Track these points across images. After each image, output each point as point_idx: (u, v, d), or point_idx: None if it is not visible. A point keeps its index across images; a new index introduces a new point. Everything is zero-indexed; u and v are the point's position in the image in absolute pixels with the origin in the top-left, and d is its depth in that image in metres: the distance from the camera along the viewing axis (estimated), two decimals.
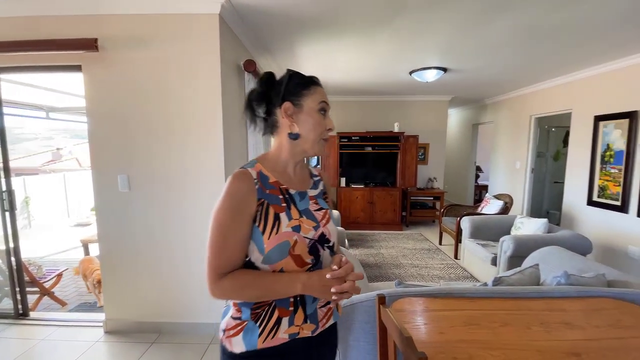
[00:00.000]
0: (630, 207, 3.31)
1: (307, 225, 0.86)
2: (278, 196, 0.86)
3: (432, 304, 1.39)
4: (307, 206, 0.91)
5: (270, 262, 0.81)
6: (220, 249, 0.80)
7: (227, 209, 0.80)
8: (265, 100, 0.92)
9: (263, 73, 0.94)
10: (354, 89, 5.08)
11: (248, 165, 0.88)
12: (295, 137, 0.88)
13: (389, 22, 2.44)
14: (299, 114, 0.88)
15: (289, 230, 0.83)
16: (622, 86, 3.41)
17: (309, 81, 0.93)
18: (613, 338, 1.18)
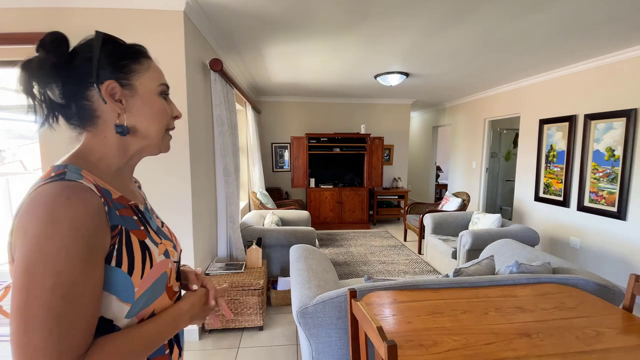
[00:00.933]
0: (571, 202, 3.68)
1: (169, 247, 0.69)
2: (132, 217, 0.63)
3: (399, 297, 1.46)
4: (157, 224, 0.72)
5: (141, 308, 0.59)
6: (68, 322, 0.48)
7: (67, 252, 0.48)
8: (60, 76, 0.60)
9: (47, 34, 0.60)
10: (323, 90, 5.15)
11: (70, 174, 0.56)
12: (125, 131, 0.62)
13: (356, 27, 2.51)
14: (131, 99, 0.63)
15: (162, 258, 0.64)
16: (562, 93, 3.79)
17: (137, 52, 0.66)
18: (558, 319, 1.31)
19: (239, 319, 2.41)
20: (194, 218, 2.26)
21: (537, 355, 1.07)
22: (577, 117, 3.58)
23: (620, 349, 1.11)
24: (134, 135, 0.64)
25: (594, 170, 3.38)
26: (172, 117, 0.70)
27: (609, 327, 1.24)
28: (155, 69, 0.68)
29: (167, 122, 0.69)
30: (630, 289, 1.45)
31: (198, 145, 2.35)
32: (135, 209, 0.65)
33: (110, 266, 0.55)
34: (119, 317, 0.57)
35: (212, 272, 2.49)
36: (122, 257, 0.57)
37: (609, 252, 3.26)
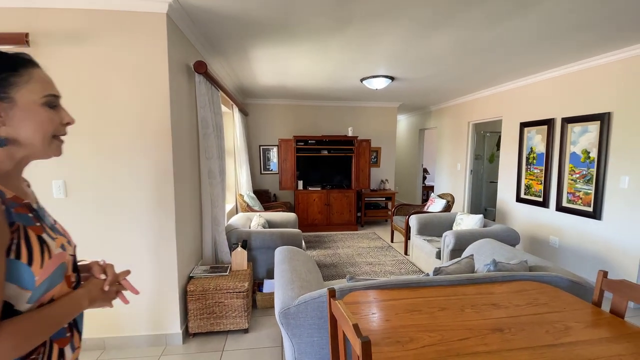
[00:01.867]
0: (550, 203, 3.80)
1: (65, 242, 0.76)
2: (28, 214, 0.69)
3: (380, 295, 1.49)
4: (51, 221, 0.78)
5: (41, 294, 0.67)
6: None
7: None
8: None
9: None
10: (310, 93, 5.18)
11: None
12: (2, 143, 0.66)
13: (340, 32, 2.55)
14: (11, 111, 0.65)
15: (60, 250, 0.72)
16: (541, 97, 3.92)
17: (17, 63, 0.68)
18: (531, 314, 1.36)
19: (223, 321, 2.40)
20: (177, 220, 2.24)
21: (508, 349, 1.11)
22: (555, 121, 3.70)
23: (586, 341, 1.16)
24: (16, 144, 0.68)
25: (571, 172, 3.50)
26: (62, 124, 0.75)
27: (577, 322, 1.30)
28: (39, 79, 0.70)
29: (54, 129, 0.73)
30: (598, 284, 1.51)
31: (181, 148, 2.34)
32: (29, 207, 0.71)
33: (10, 259, 0.62)
34: (21, 303, 0.64)
35: (197, 275, 2.48)
36: (21, 250, 0.63)
37: (586, 250, 3.37)
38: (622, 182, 3.00)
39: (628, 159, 2.94)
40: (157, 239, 2.20)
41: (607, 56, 3.05)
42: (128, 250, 2.18)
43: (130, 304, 2.18)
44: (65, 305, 0.71)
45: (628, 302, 1.64)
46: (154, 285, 2.24)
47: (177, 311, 2.29)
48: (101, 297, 0.82)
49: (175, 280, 2.26)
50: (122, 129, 2.09)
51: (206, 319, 2.39)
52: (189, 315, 2.36)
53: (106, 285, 0.82)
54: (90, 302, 0.78)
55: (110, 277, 0.84)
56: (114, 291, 0.85)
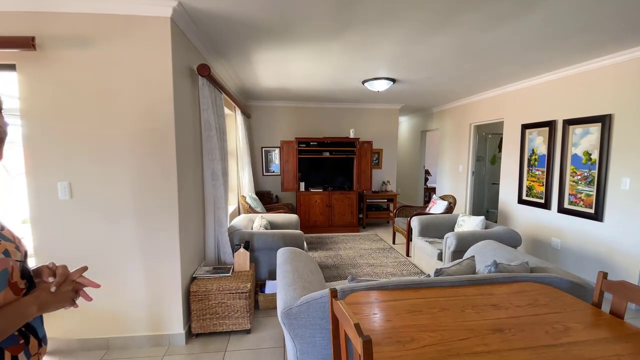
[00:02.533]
0: (552, 204, 3.80)
1: (10, 248, 0.75)
2: None
3: (381, 296, 1.51)
4: None
5: None
6: None
7: None
8: None
9: None
10: (311, 95, 5.21)
11: None
12: None
13: (340, 35, 2.58)
14: None
15: (1, 257, 0.71)
16: (543, 99, 3.93)
17: None
18: (530, 315, 1.38)
19: (226, 322, 2.42)
20: (181, 222, 2.27)
21: (507, 349, 1.12)
22: (557, 122, 3.71)
23: (585, 342, 1.18)
24: None
25: (572, 174, 3.51)
26: None
27: (577, 322, 1.31)
28: None
29: None
30: (598, 285, 1.52)
31: (185, 150, 2.36)
32: None
33: None
34: None
35: (200, 275, 2.50)
36: None
37: (587, 251, 3.37)
38: (623, 184, 3.00)
39: (629, 161, 2.95)
40: (161, 240, 2.23)
41: (608, 58, 3.06)
42: (132, 251, 2.21)
43: (134, 304, 2.22)
44: (8, 313, 0.69)
45: (628, 304, 1.65)
46: (158, 286, 2.26)
47: (180, 312, 2.31)
48: (55, 300, 0.79)
49: (179, 281, 2.29)
50: (126, 132, 2.12)
51: (209, 319, 2.40)
52: (192, 316, 2.38)
53: (52, 286, 0.79)
54: (41, 308, 0.76)
55: (57, 278, 0.81)
56: (69, 290, 0.82)
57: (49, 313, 0.78)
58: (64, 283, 0.82)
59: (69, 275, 0.84)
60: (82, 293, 0.87)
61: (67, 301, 0.82)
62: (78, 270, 0.87)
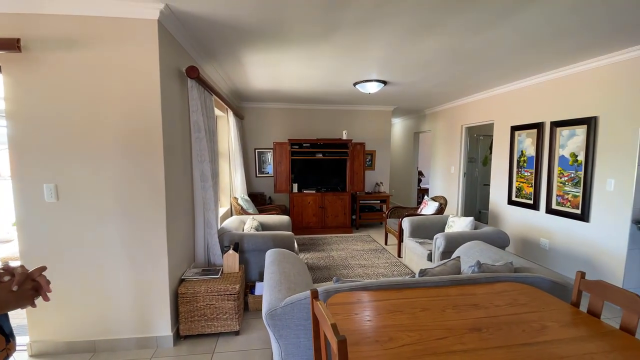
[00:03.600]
0: (540, 205, 3.85)
1: None
2: None
3: (364, 296, 1.52)
4: None
5: None
6: None
7: None
8: None
9: None
10: (304, 97, 5.23)
11: None
12: None
13: (329, 38, 2.60)
14: None
15: None
16: (531, 101, 3.98)
17: None
18: (509, 314, 1.40)
19: (214, 324, 2.42)
20: (169, 224, 2.27)
21: (484, 348, 1.14)
22: (544, 124, 3.76)
23: (560, 340, 1.20)
24: None
25: (560, 175, 3.56)
26: None
27: (554, 321, 1.34)
28: None
29: None
30: (577, 285, 1.55)
31: (173, 151, 2.37)
32: None
33: None
34: None
35: (188, 277, 2.50)
36: None
37: (574, 252, 3.42)
38: (608, 185, 3.05)
39: (613, 162, 3.00)
40: (149, 242, 2.22)
41: (592, 62, 3.12)
42: (119, 253, 2.20)
43: (121, 307, 2.22)
44: None
45: (604, 302, 1.68)
46: (145, 288, 2.26)
47: (168, 314, 2.31)
48: (15, 299, 0.80)
49: (166, 283, 2.28)
50: (113, 133, 2.12)
51: (197, 321, 2.40)
52: (180, 318, 2.38)
53: (14, 285, 0.80)
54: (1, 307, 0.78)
55: (18, 277, 0.82)
56: (29, 289, 0.83)
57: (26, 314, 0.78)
58: (24, 282, 0.82)
59: (28, 275, 0.85)
60: (42, 292, 0.87)
61: (27, 300, 0.83)
62: (37, 269, 0.87)
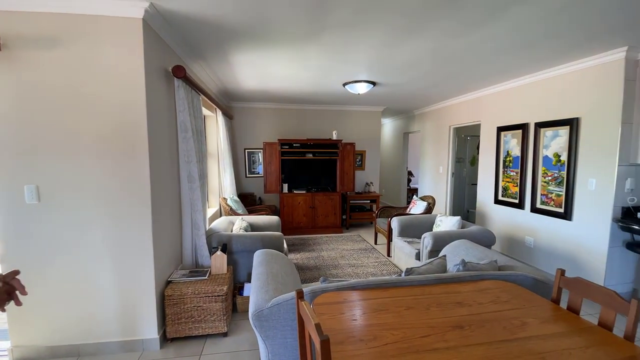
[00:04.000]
0: (526, 204, 3.94)
1: None
2: None
3: (350, 296, 1.53)
4: None
5: None
6: None
7: None
8: None
9: None
10: (294, 97, 5.23)
11: None
12: None
13: (317, 39, 2.60)
14: None
15: None
16: (516, 102, 4.07)
17: None
18: (491, 312, 1.43)
19: (202, 325, 2.40)
20: (155, 225, 2.24)
21: (465, 345, 1.16)
22: (529, 125, 3.85)
23: (539, 336, 1.23)
24: None
25: (544, 175, 3.64)
26: None
27: (534, 318, 1.37)
28: None
29: None
30: (556, 282, 1.59)
31: (159, 152, 2.34)
32: None
33: None
34: None
35: (175, 279, 2.47)
36: None
37: (558, 249, 3.50)
38: (589, 184, 3.14)
39: (594, 163, 3.09)
40: (134, 244, 2.19)
41: (574, 65, 3.20)
42: (104, 255, 2.17)
43: (106, 310, 2.19)
44: None
45: (583, 299, 1.73)
46: (131, 291, 2.23)
47: (155, 316, 2.28)
48: None
49: (152, 285, 2.26)
50: (97, 133, 2.08)
51: (184, 323, 2.38)
52: (166, 320, 2.35)
53: None
54: None
55: None
56: (2, 292, 0.84)
57: None
58: None
59: (1, 278, 0.84)
60: (14, 296, 0.86)
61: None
62: (11, 272, 0.86)
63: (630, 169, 2.94)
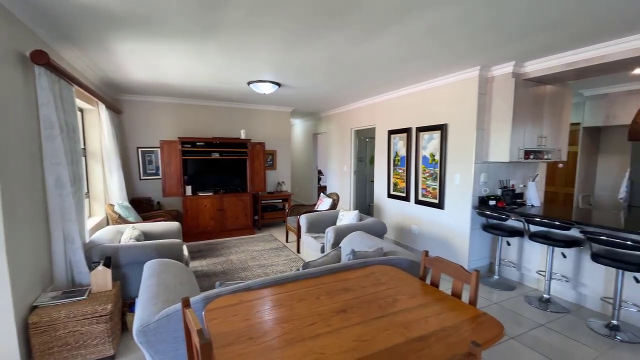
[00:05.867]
0: (411, 197, 4.56)
1: None
2: None
3: (246, 297, 1.55)
4: None
5: None
6: None
7: None
8: None
9: None
10: (197, 92, 4.91)
11: None
12: None
13: (213, 36, 2.51)
14: None
15: None
16: (402, 109, 4.66)
17: None
18: (371, 293, 1.62)
19: (81, 352, 2.08)
20: (8, 241, 1.84)
21: (346, 327, 1.30)
22: (412, 130, 4.46)
23: (406, 309, 1.46)
24: None
25: (423, 172, 4.28)
26: None
27: (404, 294, 1.62)
28: None
29: None
30: (422, 262, 1.91)
31: (12, 153, 1.93)
32: None
33: None
34: None
35: (43, 303, 2.08)
36: None
37: (436, 234, 4.17)
38: (455, 179, 3.82)
39: (458, 161, 3.77)
40: None
41: (445, 78, 3.85)
42: None
43: None
44: None
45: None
46: None
47: (16, 350, 1.88)
48: None
49: (10, 313, 1.85)
50: None
51: (58, 352, 2.03)
52: (33, 352, 1.97)
53: None
54: None
55: None
56: None
57: None
58: None
59: None
60: None
61: None
62: None
63: (483, 166, 3.69)
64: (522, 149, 3.47)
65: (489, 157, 3.61)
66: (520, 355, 2.25)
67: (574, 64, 2.89)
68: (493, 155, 3.56)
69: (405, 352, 1.13)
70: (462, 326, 1.31)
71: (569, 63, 2.93)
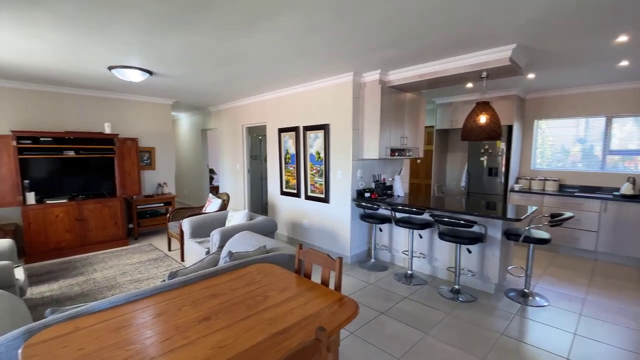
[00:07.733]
0: (301, 193, 4.70)
1: None
2: None
3: (84, 322, 1.29)
4: None
5: None
6: None
7: None
8: None
9: None
10: (40, 76, 3.91)
11: None
12: None
13: (45, 4, 2.02)
14: None
15: None
16: (290, 107, 4.75)
17: None
18: (242, 294, 1.56)
19: None
20: None
21: (206, 335, 1.21)
22: (300, 128, 4.60)
23: (274, 305, 1.46)
24: None
25: (311, 169, 4.47)
26: None
27: (275, 290, 1.62)
28: None
29: None
30: (297, 255, 1.97)
31: None
32: None
33: None
34: None
35: None
36: None
37: (324, 226, 4.41)
38: (337, 175, 4.11)
39: (339, 159, 4.07)
40: None
41: (326, 81, 4.08)
42: None
43: None
44: None
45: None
46: None
47: None
48: None
49: None
50: None
51: None
52: None
53: None
54: None
55: None
56: None
57: None
58: None
59: None
60: None
61: None
62: None
63: (359, 163, 4.06)
64: (388, 147, 3.97)
65: (364, 154, 4.01)
66: (387, 327, 2.57)
67: (423, 75, 3.45)
68: (367, 153, 3.97)
69: (264, 349, 1.12)
70: (323, 312, 1.39)
71: (420, 74, 3.48)
